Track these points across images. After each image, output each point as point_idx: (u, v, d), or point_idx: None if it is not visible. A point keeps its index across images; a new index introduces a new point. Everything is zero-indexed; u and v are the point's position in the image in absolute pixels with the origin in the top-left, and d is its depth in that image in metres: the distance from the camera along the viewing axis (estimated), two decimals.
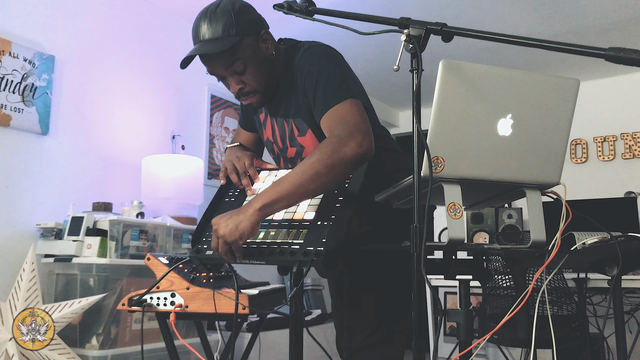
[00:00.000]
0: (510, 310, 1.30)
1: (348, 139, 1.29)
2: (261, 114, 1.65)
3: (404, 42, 1.07)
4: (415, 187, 1.05)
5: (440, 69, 1.17)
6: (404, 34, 1.07)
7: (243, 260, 1.30)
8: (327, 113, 1.36)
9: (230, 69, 1.44)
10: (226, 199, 1.51)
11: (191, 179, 3.07)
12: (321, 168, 1.26)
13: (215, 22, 1.41)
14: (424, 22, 1.07)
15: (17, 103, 2.65)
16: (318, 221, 1.29)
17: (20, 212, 2.65)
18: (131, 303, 1.56)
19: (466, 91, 1.20)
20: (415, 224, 1.03)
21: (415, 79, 1.07)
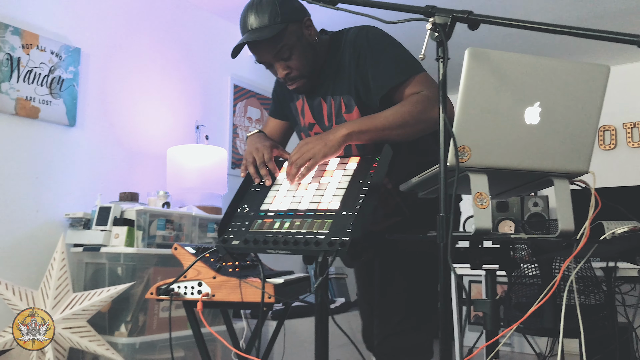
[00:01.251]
0: (538, 300, 1.28)
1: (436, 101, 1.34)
2: (298, 101, 1.69)
3: (429, 31, 1.06)
4: (441, 177, 1.05)
5: (466, 57, 1.16)
6: (430, 22, 1.05)
7: (269, 250, 1.31)
8: (407, 83, 1.47)
9: (277, 55, 1.52)
10: (251, 189, 1.52)
11: (215, 169, 3.09)
12: (410, 119, 1.40)
13: (262, 11, 1.49)
14: (449, 10, 1.06)
15: (45, 95, 2.69)
16: (343, 211, 1.29)
17: (50, 203, 2.71)
18: (159, 292, 1.58)
19: (493, 79, 1.19)
20: (442, 214, 1.02)
21: (441, 68, 1.06)
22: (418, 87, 1.47)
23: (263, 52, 1.53)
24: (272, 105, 1.85)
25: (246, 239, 1.35)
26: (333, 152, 1.41)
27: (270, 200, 1.45)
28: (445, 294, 1.00)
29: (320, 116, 1.65)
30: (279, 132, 1.82)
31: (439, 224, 1.02)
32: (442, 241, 1.00)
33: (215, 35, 3.77)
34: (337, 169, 1.43)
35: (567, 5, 3.58)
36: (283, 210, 1.39)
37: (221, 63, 3.80)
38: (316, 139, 1.42)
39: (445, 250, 0.99)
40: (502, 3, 3.55)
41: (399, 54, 1.52)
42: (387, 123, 1.41)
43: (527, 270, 3.43)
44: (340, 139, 1.40)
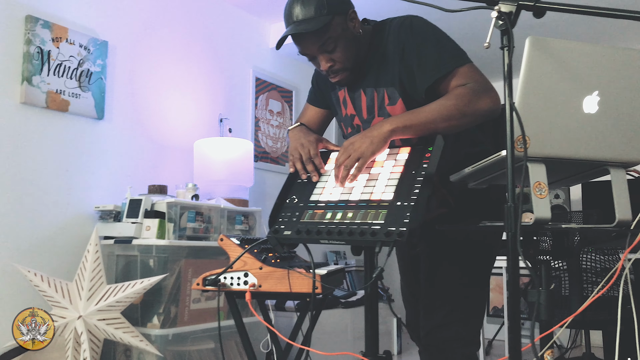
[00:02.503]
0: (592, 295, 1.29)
1: (483, 94, 1.41)
2: (340, 91, 1.67)
3: (494, 19, 1.05)
4: (508, 167, 1.04)
5: (527, 45, 1.15)
6: (495, 11, 1.04)
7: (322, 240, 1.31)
8: (452, 73, 1.45)
9: (322, 47, 1.49)
10: (299, 181, 1.52)
11: (242, 161, 3.09)
12: (455, 113, 1.38)
13: (308, 3, 1.47)
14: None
15: (75, 89, 2.70)
16: (397, 202, 1.29)
17: (80, 196, 2.72)
18: (205, 283, 1.59)
19: (552, 68, 1.18)
20: (510, 203, 1.02)
21: (506, 57, 1.05)
22: (464, 79, 1.45)
23: (308, 44, 1.52)
24: (311, 93, 1.84)
25: (298, 230, 1.35)
26: (380, 148, 1.40)
27: (319, 191, 1.45)
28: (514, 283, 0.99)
29: (359, 108, 1.65)
30: (318, 121, 1.81)
31: (506, 213, 1.02)
32: (510, 230, 1.00)
33: (238, 28, 3.77)
34: (387, 159, 1.42)
35: None
36: (334, 201, 1.39)
37: (244, 56, 3.79)
38: (360, 137, 1.41)
39: (514, 239, 0.99)
40: None
41: (444, 44, 1.50)
42: (432, 117, 1.39)
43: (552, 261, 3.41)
44: (386, 135, 1.39)
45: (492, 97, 1.42)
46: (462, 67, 1.47)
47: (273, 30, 4.02)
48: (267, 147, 3.90)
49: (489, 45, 1.06)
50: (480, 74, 1.47)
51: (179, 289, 2.56)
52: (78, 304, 2.32)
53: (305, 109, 1.85)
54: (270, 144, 3.94)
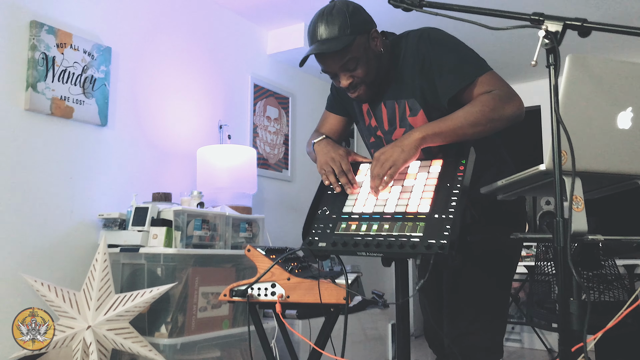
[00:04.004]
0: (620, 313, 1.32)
1: (509, 100, 1.45)
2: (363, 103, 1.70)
3: (541, 38, 1.08)
4: (556, 182, 1.07)
5: (567, 63, 1.18)
6: (543, 30, 1.07)
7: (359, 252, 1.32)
8: (475, 83, 1.48)
9: (344, 66, 1.53)
10: (328, 192, 1.53)
11: (245, 168, 3.09)
12: (482, 119, 1.42)
13: (332, 22, 1.49)
14: (560, 18, 1.08)
15: (79, 95, 2.67)
16: (435, 214, 1.31)
17: (83, 203, 2.69)
18: (233, 294, 1.59)
19: (590, 85, 1.21)
20: (559, 218, 1.04)
21: (552, 75, 1.07)
22: (487, 86, 1.49)
23: (330, 62, 1.54)
24: (331, 101, 1.86)
25: (334, 241, 1.37)
26: (412, 156, 1.42)
27: (351, 202, 1.46)
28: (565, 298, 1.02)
29: (380, 120, 1.67)
30: (340, 128, 1.84)
31: (555, 227, 1.04)
32: (560, 245, 1.02)
33: (237, 34, 3.77)
34: (420, 171, 1.44)
35: (588, 6, 3.63)
36: (368, 212, 1.41)
37: (242, 62, 3.79)
38: (391, 147, 1.44)
39: (564, 253, 1.01)
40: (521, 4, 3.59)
41: (464, 53, 1.54)
42: (460, 124, 1.43)
43: (545, 267, 3.48)
44: (416, 142, 1.42)
45: (516, 102, 1.48)
46: (484, 75, 1.51)
47: (270, 36, 4.03)
48: (264, 154, 3.90)
49: (536, 63, 1.09)
50: (503, 81, 1.52)
51: (186, 298, 2.54)
52: (87, 313, 2.29)
53: (325, 118, 1.86)
54: (267, 150, 3.94)
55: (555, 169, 1.07)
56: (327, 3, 1.58)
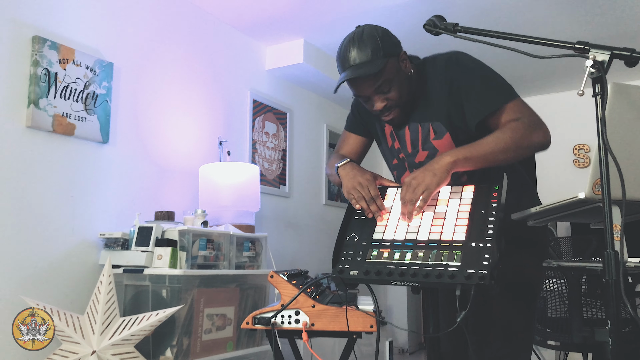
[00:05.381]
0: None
1: (536, 128, 1.47)
2: (385, 125, 1.70)
3: (588, 67, 1.07)
4: (605, 211, 1.05)
5: (609, 92, 1.17)
6: (590, 59, 1.06)
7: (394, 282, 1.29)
8: (503, 109, 1.50)
9: (378, 89, 1.53)
10: (356, 217, 1.50)
11: (248, 186, 3.05)
12: (512, 145, 1.43)
13: (364, 47, 1.49)
14: (607, 47, 1.07)
15: (81, 111, 2.61)
16: (471, 242, 1.29)
17: (84, 222, 2.62)
18: (255, 322, 1.54)
19: (631, 113, 1.21)
20: (609, 250, 1.03)
21: (599, 104, 1.06)
22: (515, 113, 1.50)
23: (364, 86, 1.54)
24: (351, 122, 1.86)
25: (367, 270, 1.33)
26: (444, 180, 1.41)
27: (381, 229, 1.43)
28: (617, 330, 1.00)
29: (403, 143, 1.67)
30: (360, 148, 1.84)
31: (606, 260, 1.03)
32: (612, 278, 1.01)
33: (237, 50, 3.74)
34: (452, 197, 1.42)
35: (580, 27, 3.67)
36: (400, 240, 1.38)
37: (241, 78, 3.76)
38: (422, 171, 1.42)
39: (617, 287, 1.00)
40: (521, 22, 3.62)
41: (492, 79, 1.55)
42: (490, 149, 1.43)
43: (546, 285, 3.48)
44: (447, 166, 1.41)
45: (544, 131, 1.49)
46: (511, 102, 1.51)
47: (269, 52, 4.00)
48: (263, 169, 3.86)
49: (583, 92, 1.08)
50: (530, 109, 1.52)
51: (192, 320, 2.48)
52: (91, 338, 2.22)
53: (345, 138, 1.85)
54: (266, 166, 3.90)
55: (604, 203, 1.05)
56: (354, 28, 1.57)
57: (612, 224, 1.05)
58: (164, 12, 3.18)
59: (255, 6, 3.41)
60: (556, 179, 4.91)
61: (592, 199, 1.19)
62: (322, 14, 3.52)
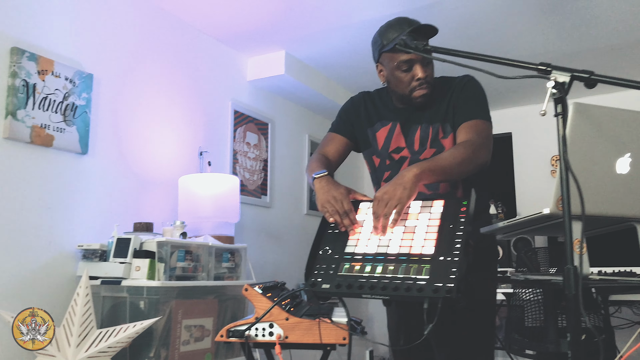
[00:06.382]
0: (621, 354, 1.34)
1: (482, 147, 1.62)
2: (384, 127, 1.82)
3: (550, 89, 1.11)
4: (566, 228, 1.09)
5: (570, 111, 1.22)
6: (552, 80, 1.10)
7: (364, 295, 1.31)
8: (472, 121, 1.69)
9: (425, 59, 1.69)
10: (329, 230, 1.52)
11: (228, 197, 3.06)
12: (466, 159, 1.56)
13: None
14: (568, 69, 1.11)
15: (59, 123, 2.61)
16: (440, 256, 1.32)
17: (62, 234, 2.61)
18: (230, 334, 1.55)
19: (591, 132, 1.25)
20: (569, 265, 1.06)
21: (560, 124, 1.10)
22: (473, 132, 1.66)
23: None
24: (340, 124, 1.92)
25: (338, 283, 1.36)
26: (414, 192, 1.46)
27: (353, 242, 1.46)
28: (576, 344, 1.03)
29: (411, 141, 1.78)
30: (343, 150, 1.90)
31: (565, 275, 1.06)
32: (571, 292, 1.04)
33: (218, 61, 3.76)
34: (422, 212, 1.45)
35: (558, 41, 3.76)
36: (371, 253, 1.41)
37: (223, 89, 3.78)
38: (391, 185, 1.46)
39: (576, 301, 1.03)
40: (498, 38, 3.69)
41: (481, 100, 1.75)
42: (449, 163, 1.55)
43: (523, 294, 3.53)
44: (415, 179, 1.47)
45: (487, 152, 1.64)
46: (482, 120, 1.69)
47: (250, 63, 4.03)
48: (244, 180, 3.87)
49: (545, 112, 1.12)
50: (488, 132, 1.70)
51: (169, 331, 2.48)
52: (67, 350, 2.21)
53: (330, 139, 1.91)
54: (247, 177, 3.92)
55: (565, 218, 1.09)
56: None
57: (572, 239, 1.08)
58: (145, 24, 3.19)
59: (236, 18, 3.44)
60: (535, 189, 4.97)
61: (556, 214, 1.23)
62: (304, 26, 3.56)
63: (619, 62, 4.11)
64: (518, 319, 3.51)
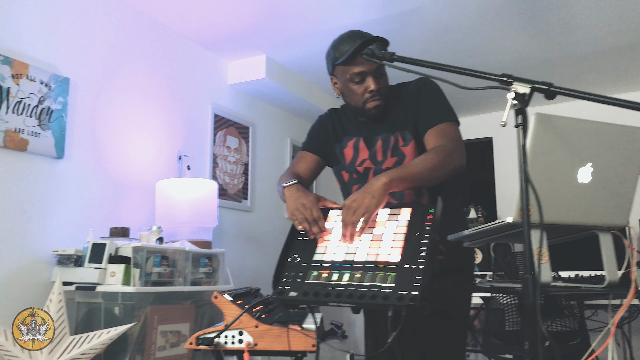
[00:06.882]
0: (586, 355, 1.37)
1: (454, 152, 1.60)
2: (350, 142, 1.82)
3: (510, 100, 1.12)
4: (525, 238, 1.10)
5: (533, 121, 1.24)
6: (512, 92, 1.12)
7: (331, 302, 1.32)
8: (438, 126, 1.66)
9: (377, 70, 1.69)
10: (299, 238, 1.53)
11: (206, 201, 3.05)
12: (437, 165, 1.55)
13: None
14: (528, 80, 1.13)
15: (34, 127, 2.59)
16: (405, 264, 1.33)
17: (37, 239, 2.59)
18: (199, 342, 1.55)
19: (553, 142, 1.27)
20: (528, 274, 1.08)
21: (521, 135, 1.12)
22: (441, 135, 1.65)
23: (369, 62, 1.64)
24: (310, 143, 1.93)
25: (305, 292, 1.36)
26: (382, 201, 1.46)
27: (322, 250, 1.47)
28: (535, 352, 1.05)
29: (374, 152, 1.77)
30: (315, 167, 1.91)
31: (524, 283, 1.07)
32: (530, 301, 1.05)
33: (198, 65, 3.75)
34: (389, 219, 1.46)
35: (537, 47, 3.80)
36: (339, 261, 1.41)
37: (203, 93, 3.77)
38: (360, 193, 1.47)
39: (533, 309, 1.04)
40: (478, 45, 3.72)
41: (443, 102, 1.73)
42: (419, 170, 1.54)
43: (502, 298, 3.57)
44: (384, 187, 1.47)
45: (461, 155, 1.63)
46: (449, 122, 1.69)
47: (231, 67, 4.03)
48: (224, 184, 3.86)
49: (506, 123, 1.13)
50: (458, 135, 1.69)
51: (145, 337, 2.47)
52: (38, 357, 2.18)
53: (301, 157, 1.91)
54: (227, 181, 3.91)
55: (525, 228, 1.10)
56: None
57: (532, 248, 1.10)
58: (123, 27, 3.18)
59: (217, 22, 3.44)
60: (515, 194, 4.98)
61: (518, 223, 1.25)
62: (284, 31, 3.57)
63: (598, 68, 4.16)
64: (498, 323, 3.54)
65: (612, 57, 3.97)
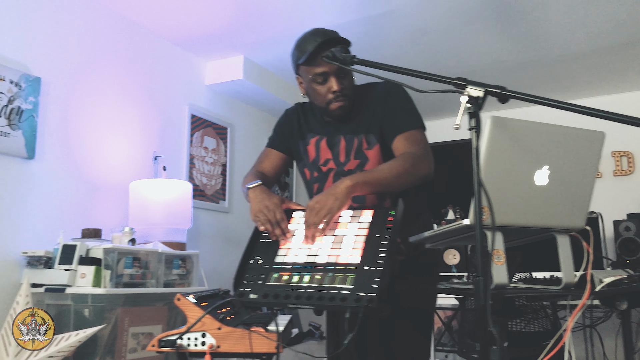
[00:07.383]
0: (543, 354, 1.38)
1: (423, 159, 1.60)
2: (312, 139, 1.80)
3: (463, 103, 1.13)
4: (477, 240, 1.11)
5: (488, 124, 1.25)
6: (465, 95, 1.13)
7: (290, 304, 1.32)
8: (406, 133, 1.66)
9: (341, 70, 1.66)
10: (262, 240, 1.53)
11: (180, 203, 3.04)
12: (403, 172, 1.55)
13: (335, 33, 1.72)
14: (482, 84, 1.14)
15: (3, 127, 2.56)
16: (364, 266, 1.33)
17: (6, 240, 2.56)
18: (161, 344, 1.54)
19: (509, 145, 1.28)
20: (479, 276, 1.09)
21: (474, 138, 1.13)
22: (409, 143, 1.65)
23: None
24: (275, 139, 1.92)
25: (265, 294, 1.36)
26: (345, 203, 1.46)
27: (284, 252, 1.47)
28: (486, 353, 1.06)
29: (337, 152, 1.76)
30: (279, 166, 1.89)
31: (476, 285, 1.08)
32: (481, 303, 1.06)
33: (174, 65, 3.73)
34: (351, 221, 1.47)
35: (509, 50, 3.83)
36: (300, 263, 1.42)
37: (179, 93, 3.75)
38: (324, 195, 1.48)
39: (484, 311, 1.05)
40: (455, 47, 3.75)
41: (410, 108, 1.72)
42: (385, 175, 1.54)
43: None
44: (348, 190, 1.47)
45: (429, 162, 1.63)
46: (417, 130, 1.68)
47: (209, 67, 4.01)
48: (201, 185, 3.85)
49: (459, 126, 1.14)
50: (425, 141, 1.69)
51: (115, 339, 2.45)
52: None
53: (266, 154, 1.90)
54: (204, 181, 3.90)
55: (477, 231, 1.11)
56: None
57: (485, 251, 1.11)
58: (97, 26, 3.15)
59: (194, 22, 3.43)
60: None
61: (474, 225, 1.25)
62: (262, 31, 3.56)
63: (571, 72, 4.21)
64: (472, 323, 3.56)
65: (585, 61, 4.01)
